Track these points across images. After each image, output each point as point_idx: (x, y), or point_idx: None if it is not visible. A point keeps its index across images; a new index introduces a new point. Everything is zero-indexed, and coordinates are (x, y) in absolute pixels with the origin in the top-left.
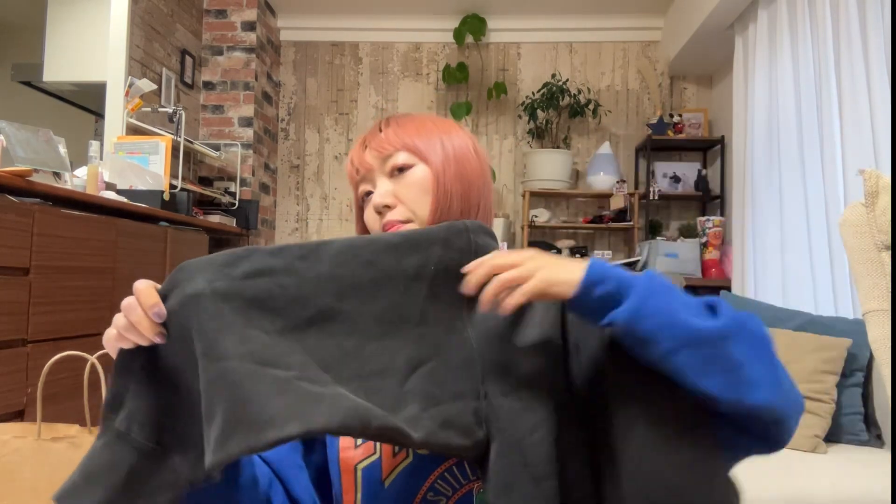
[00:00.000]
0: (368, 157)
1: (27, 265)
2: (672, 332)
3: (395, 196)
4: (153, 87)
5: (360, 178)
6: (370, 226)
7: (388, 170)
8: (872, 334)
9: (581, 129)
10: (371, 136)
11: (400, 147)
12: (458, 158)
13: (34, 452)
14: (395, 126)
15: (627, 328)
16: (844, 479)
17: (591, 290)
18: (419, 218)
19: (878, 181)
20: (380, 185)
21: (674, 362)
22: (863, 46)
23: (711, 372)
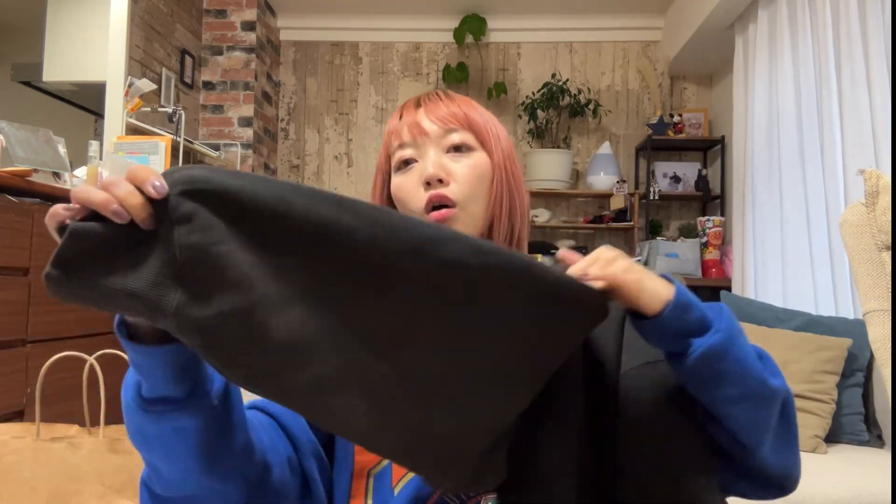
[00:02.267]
0: (426, 122)
1: (27, 265)
2: (744, 381)
3: (448, 172)
4: (153, 87)
5: (405, 143)
6: (403, 194)
7: (446, 145)
8: (873, 334)
9: (581, 129)
10: (429, 101)
11: (466, 125)
12: (510, 159)
13: (33, 452)
14: (458, 102)
15: (702, 362)
16: (845, 480)
17: (680, 313)
18: (468, 209)
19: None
20: (432, 155)
21: (732, 409)
22: (863, 46)
23: (758, 429)
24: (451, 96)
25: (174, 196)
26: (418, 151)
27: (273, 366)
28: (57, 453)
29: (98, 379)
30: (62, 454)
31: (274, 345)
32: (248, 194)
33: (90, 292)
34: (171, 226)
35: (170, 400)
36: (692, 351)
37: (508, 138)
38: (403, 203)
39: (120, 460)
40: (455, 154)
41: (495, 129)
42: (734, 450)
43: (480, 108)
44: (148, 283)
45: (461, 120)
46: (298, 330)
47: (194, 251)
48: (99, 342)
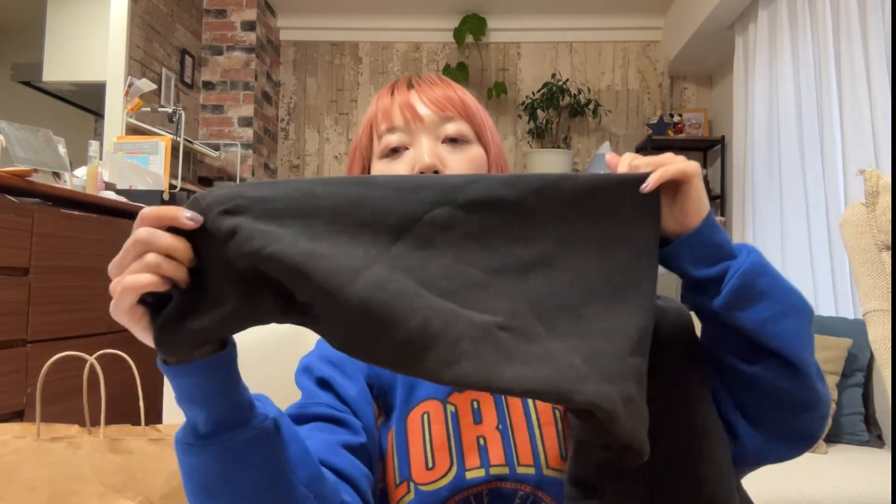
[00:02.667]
0: (420, 105)
1: (27, 265)
2: (786, 294)
3: (444, 163)
4: (153, 87)
5: (396, 126)
6: None
7: (442, 135)
8: (873, 334)
9: (581, 128)
10: (422, 82)
11: (464, 114)
12: (503, 157)
13: (33, 453)
14: (454, 86)
15: (746, 281)
16: (845, 480)
17: (713, 229)
18: None
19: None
20: (425, 143)
21: (779, 327)
22: (863, 46)
23: (806, 342)
24: (445, 80)
25: (213, 218)
26: (410, 138)
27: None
28: (57, 453)
29: (98, 379)
30: (62, 454)
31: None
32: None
33: (202, 338)
34: (222, 245)
35: (230, 424)
36: (733, 272)
37: (498, 135)
38: None
39: (120, 460)
40: (451, 146)
41: (490, 122)
42: (780, 386)
43: (474, 99)
44: (239, 302)
45: (458, 107)
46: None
47: (252, 259)
48: (99, 342)
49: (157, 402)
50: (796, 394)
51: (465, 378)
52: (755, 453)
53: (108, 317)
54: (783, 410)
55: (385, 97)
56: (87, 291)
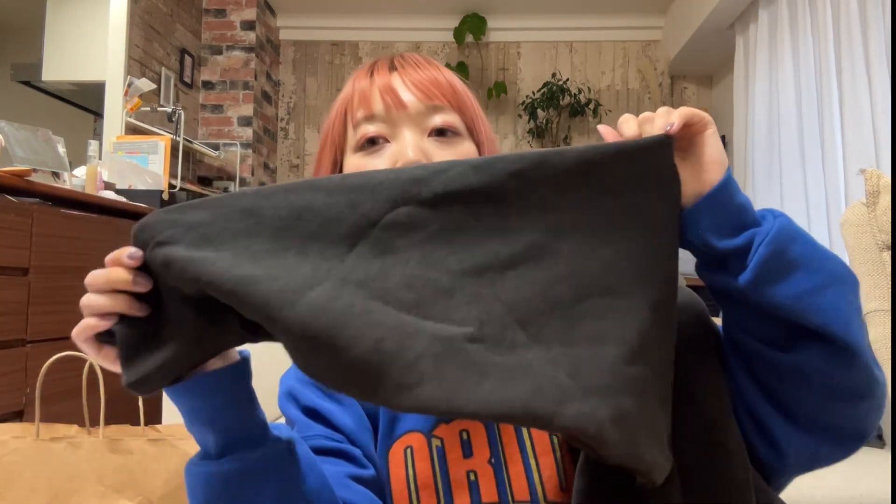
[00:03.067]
0: (403, 90)
1: (26, 265)
2: (823, 263)
3: (430, 160)
4: (152, 87)
5: (375, 114)
6: None
7: (428, 127)
8: (873, 334)
9: (581, 128)
10: (406, 63)
11: (454, 103)
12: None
13: (33, 453)
14: (444, 70)
15: (774, 250)
16: (845, 480)
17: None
18: None
19: (879, 181)
20: (410, 137)
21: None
22: (863, 46)
23: (857, 319)
24: (432, 62)
25: (150, 252)
26: (391, 129)
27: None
28: (57, 453)
29: (98, 379)
30: (62, 454)
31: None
32: (214, 221)
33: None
34: (165, 276)
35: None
36: (760, 240)
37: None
38: None
39: (120, 460)
40: (439, 139)
41: (480, 111)
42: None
43: (464, 84)
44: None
45: (448, 94)
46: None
47: (196, 287)
48: None
49: (156, 402)
50: (849, 380)
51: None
52: (801, 459)
53: None
54: (835, 402)
55: (363, 78)
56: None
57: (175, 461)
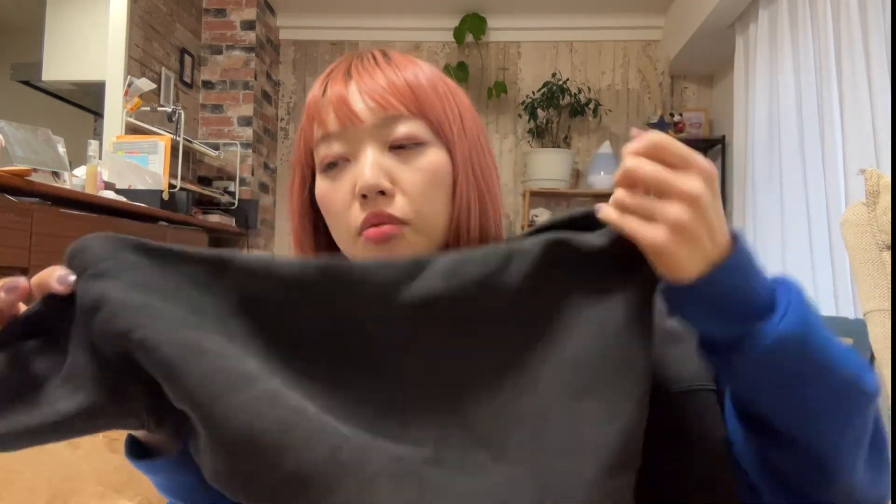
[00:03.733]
0: (357, 102)
1: (26, 265)
2: (830, 379)
3: (393, 180)
4: (152, 87)
5: (331, 133)
6: (333, 208)
7: (388, 139)
8: (873, 334)
9: (581, 128)
10: (362, 69)
11: (415, 108)
12: (477, 147)
13: (33, 452)
14: (401, 67)
15: (774, 356)
16: None
17: (736, 279)
18: (422, 225)
19: (879, 181)
20: (369, 155)
21: (814, 420)
22: (864, 46)
23: (853, 443)
24: (391, 59)
25: (83, 282)
26: (349, 147)
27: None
28: (56, 453)
29: None
30: (62, 454)
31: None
32: (168, 263)
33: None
34: (87, 319)
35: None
36: (759, 340)
37: (475, 115)
38: (330, 219)
39: (120, 460)
40: (399, 153)
41: (455, 106)
42: (808, 478)
43: (434, 73)
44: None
45: (406, 98)
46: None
47: (119, 343)
48: None
49: None
50: (825, 491)
51: None
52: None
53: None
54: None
55: (317, 90)
56: None
57: None
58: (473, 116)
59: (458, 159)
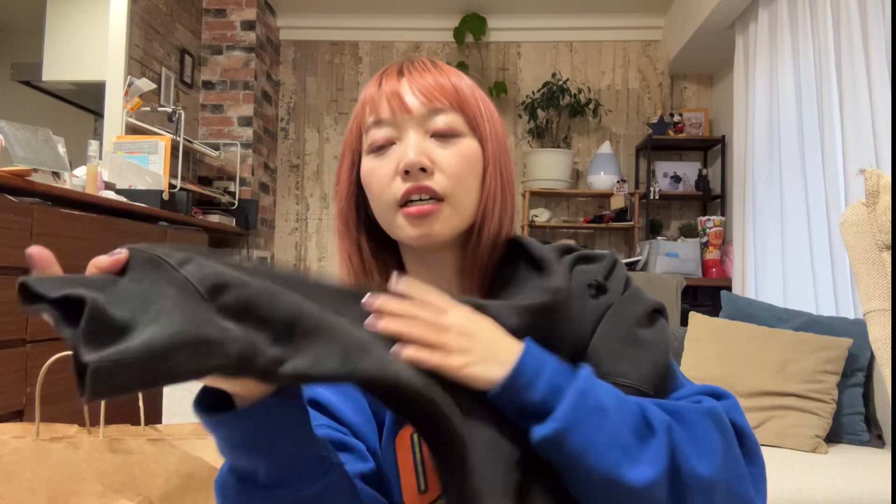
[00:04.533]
0: (409, 95)
1: (26, 265)
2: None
3: (432, 160)
4: (152, 87)
5: (383, 119)
6: (375, 183)
7: (430, 128)
8: (873, 334)
9: (581, 128)
10: (413, 69)
11: (456, 104)
12: (504, 151)
13: (33, 452)
14: (447, 72)
15: (540, 450)
16: (845, 480)
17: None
18: (457, 203)
19: (879, 181)
20: (413, 138)
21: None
22: (863, 46)
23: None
24: (439, 65)
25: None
26: (397, 132)
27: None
28: (57, 453)
29: None
30: (62, 454)
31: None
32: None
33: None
34: (174, 269)
35: (300, 473)
36: (532, 438)
37: (503, 124)
38: (373, 193)
39: (120, 460)
40: (439, 140)
41: (489, 112)
42: None
43: (472, 85)
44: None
45: (450, 96)
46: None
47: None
48: None
49: (156, 402)
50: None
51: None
52: None
53: None
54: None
55: (373, 86)
56: None
57: (175, 461)
58: (502, 124)
59: (489, 153)
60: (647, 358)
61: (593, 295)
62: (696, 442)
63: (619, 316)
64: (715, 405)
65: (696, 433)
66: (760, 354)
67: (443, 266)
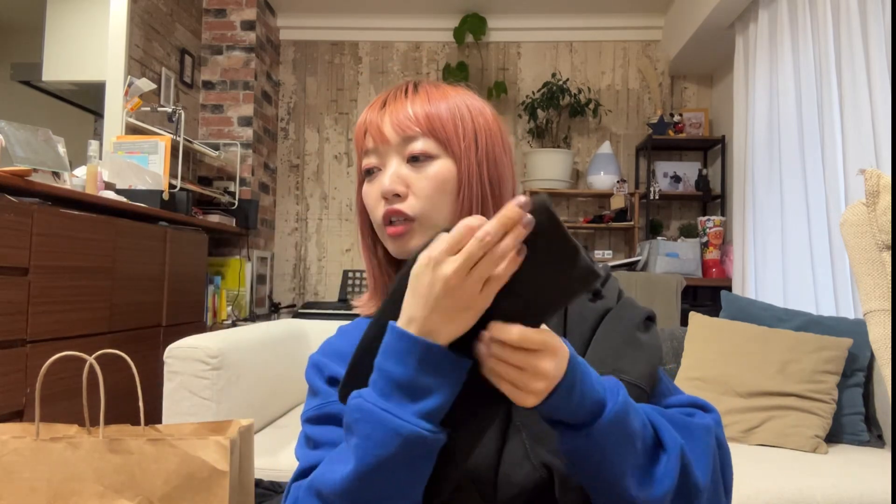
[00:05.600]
0: (386, 128)
1: (26, 265)
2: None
3: (407, 185)
4: (152, 87)
5: (369, 149)
6: (368, 204)
7: (406, 153)
8: (873, 334)
9: (581, 128)
10: (394, 101)
11: (426, 131)
12: (490, 157)
13: (33, 452)
14: (424, 99)
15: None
16: (845, 480)
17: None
18: (428, 222)
19: (879, 181)
20: (391, 166)
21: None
22: (863, 45)
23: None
24: (420, 91)
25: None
26: (381, 160)
27: None
28: (57, 453)
29: (98, 379)
30: (62, 454)
31: None
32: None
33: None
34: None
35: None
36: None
37: (497, 131)
38: (369, 211)
39: (119, 460)
40: (414, 164)
41: (471, 126)
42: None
43: (457, 100)
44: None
45: (422, 124)
46: None
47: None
48: (98, 342)
49: (157, 402)
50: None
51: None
52: None
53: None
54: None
55: (364, 115)
56: (87, 291)
57: (175, 461)
58: (492, 132)
59: (464, 169)
60: (644, 358)
61: (591, 299)
62: (700, 456)
63: (619, 320)
64: (710, 423)
65: (700, 449)
66: (760, 354)
67: None
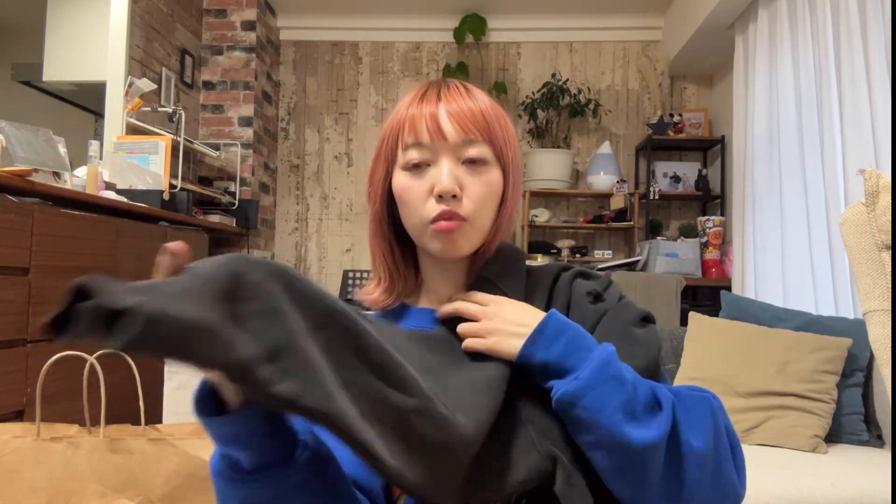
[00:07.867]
0: (446, 123)
1: (27, 265)
2: (598, 431)
3: (461, 186)
4: (153, 87)
5: (422, 143)
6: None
7: (462, 155)
8: (873, 334)
9: (581, 128)
10: (449, 94)
11: (487, 137)
12: (518, 170)
13: (33, 452)
14: (478, 98)
15: (558, 406)
16: (845, 480)
17: (532, 357)
18: (476, 224)
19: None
20: (445, 164)
21: (590, 456)
22: (863, 46)
23: (621, 479)
24: (472, 92)
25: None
26: (433, 156)
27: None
28: (57, 453)
29: (98, 379)
30: (62, 454)
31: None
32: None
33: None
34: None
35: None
36: (553, 393)
37: (518, 141)
38: (407, 208)
39: (120, 460)
40: (470, 168)
41: (511, 137)
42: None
43: (496, 109)
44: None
45: (482, 129)
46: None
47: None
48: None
49: (157, 402)
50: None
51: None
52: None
53: None
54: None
55: (414, 104)
56: None
57: (175, 461)
58: (518, 143)
59: (510, 181)
60: (641, 353)
61: (591, 301)
62: (693, 420)
63: (615, 318)
64: (708, 395)
65: (694, 413)
66: (760, 354)
67: (456, 273)
